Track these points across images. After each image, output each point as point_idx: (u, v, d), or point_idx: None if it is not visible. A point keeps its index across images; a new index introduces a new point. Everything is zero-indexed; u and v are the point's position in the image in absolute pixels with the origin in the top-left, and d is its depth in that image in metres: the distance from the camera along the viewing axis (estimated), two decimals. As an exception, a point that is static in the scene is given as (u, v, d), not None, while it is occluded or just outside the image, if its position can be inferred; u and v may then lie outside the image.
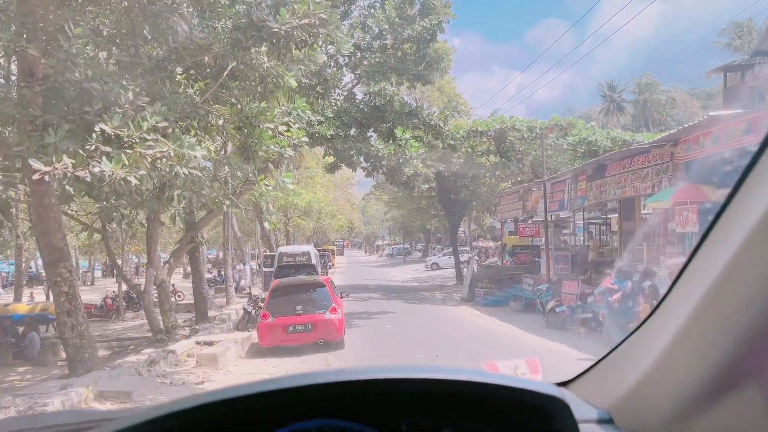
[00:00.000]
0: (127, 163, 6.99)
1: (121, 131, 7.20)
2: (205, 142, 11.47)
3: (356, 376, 1.05)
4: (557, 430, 1.13)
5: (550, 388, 1.15)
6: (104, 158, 6.76)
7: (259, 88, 10.15)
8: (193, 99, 9.07)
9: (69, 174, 6.88)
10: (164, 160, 7.38)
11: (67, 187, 6.92)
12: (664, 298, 1.14)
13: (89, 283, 44.33)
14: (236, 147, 11.56)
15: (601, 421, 1.22)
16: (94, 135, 7.09)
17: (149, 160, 7.23)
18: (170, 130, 7.86)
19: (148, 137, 7.35)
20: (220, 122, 10.10)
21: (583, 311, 14.20)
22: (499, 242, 41.46)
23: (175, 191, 8.81)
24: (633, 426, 1.18)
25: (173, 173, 7.43)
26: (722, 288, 0.94)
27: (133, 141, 7.24)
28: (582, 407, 1.24)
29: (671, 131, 11.95)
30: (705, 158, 10.46)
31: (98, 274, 49.53)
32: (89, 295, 31.91)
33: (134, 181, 6.92)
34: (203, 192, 9.97)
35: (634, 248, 14.25)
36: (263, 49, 9.22)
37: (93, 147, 7.01)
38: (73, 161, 7.00)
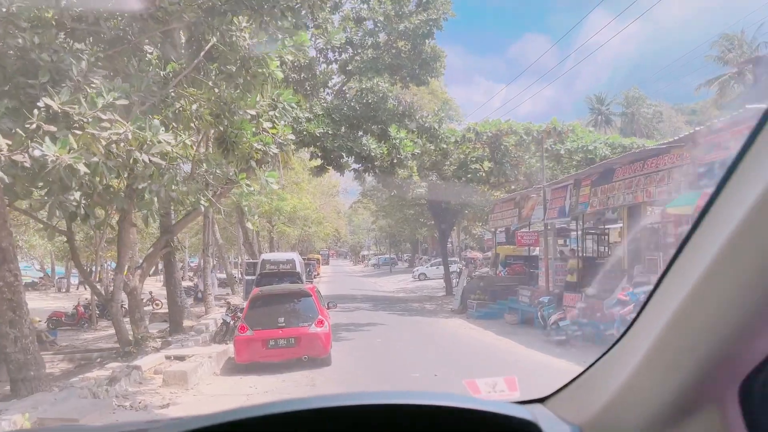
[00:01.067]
0: (75, 146, 5.80)
1: (70, 108, 6.01)
2: (180, 135, 10.32)
3: (329, 403, 1.07)
4: None
5: (521, 410, 1.15)
6: (47, 139, 5.55)
7: (240, 78, 9.03)
8: (163, 79, 7.90)
9: (3, 158, 5.68)
10: (122, 144, 6.18)
11: (1, 173, 5.71)
12: (637, 317, 1.16)
13: (65, 290, 42.73)
14: (215, 139, 10.40)
15: None
16: (36, 111, 5.89)
17: (103, 143, 6.03)
18: (133, 110, 6.66)
19: (104, 116, 6.16)
20: (194, 107, 8.91)
21: (589, 326, 13.16)
22: (488, 253, 40.58)
23: (139, 184, 7.58)
24: None
25: (131, 160, 6.22)
26: (686, 313, 0.96)
27: (85, 120, 6.04)
28: (556, 425, 1.28)
29: (698, 128, 10.97)
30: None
31: (75, 280, 47.76)
32: (63, 303, 30.46)
33: (83, 170, 5.72)
34: (173, 187, 8.78)
35: (646, 258, 13.22)
36: (244, 25, 8.11)
37: (34, 126, 5.81)
38: (9, 143, 5.80)
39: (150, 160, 6.29)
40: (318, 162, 18.99)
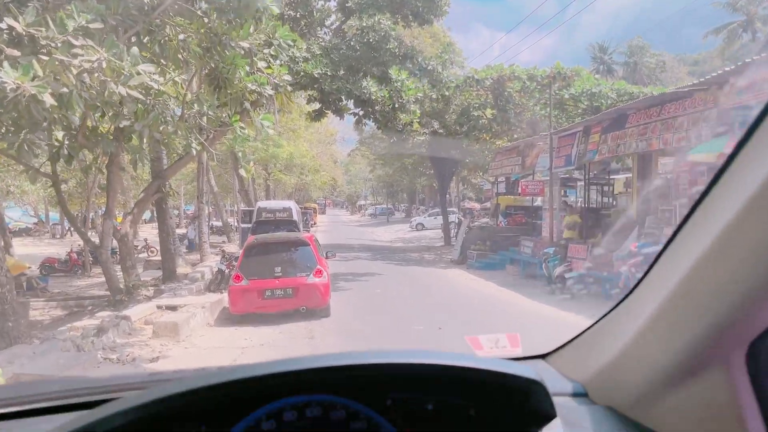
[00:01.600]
0: (41, 73, 5.11)
1: (36, 31, 5.29)
2: (169, 72, 9.59)
3: (336, 361, 1.06)
4: (533, 407, 1.13)
5: (528, 370, 1.13)
6: (5, 65, 4.86)
7: (231, 14, 8.27)
8: (146, 5, 7.11)
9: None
10: (95, 74, 5.49)
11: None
12: (645, 275, 1.15)
13: (59, 236, 42.33)
14: (205, 75, 9.65)
15: (575, 395, 1.29)
16: (-3, 34, 5.19)
17: (74, 72, 5.34)
18: (109, 36, 5.92)
19: (75, 42, 5.45)
20: (181, 37, 8.15)
21: (596, 279, 12.72)
22: (486, 203, 40.05)
23: (121, 122, 6.91)
24: (606, 400, 1.23)
25: (107, 93, 5.53)
26: (698, 273, 0.96)
27: (53, 45, 5.34)
28: (558, 380, 1.33)
29: (727, 69, 10.21)
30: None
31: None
32: (57, 249, 30.02)
33: (49, 101, 5.04)
34: (160, 128, 8.13)
35: (659, 209, 12.66)
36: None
37: (-5, 50, 5.11)
38: (-33, 69, 5.10)
39: (128, 93, 5.59)
40: (315, 106, 18.21)
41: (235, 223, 34.76)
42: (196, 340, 9.65)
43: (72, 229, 44.10)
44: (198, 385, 1.00)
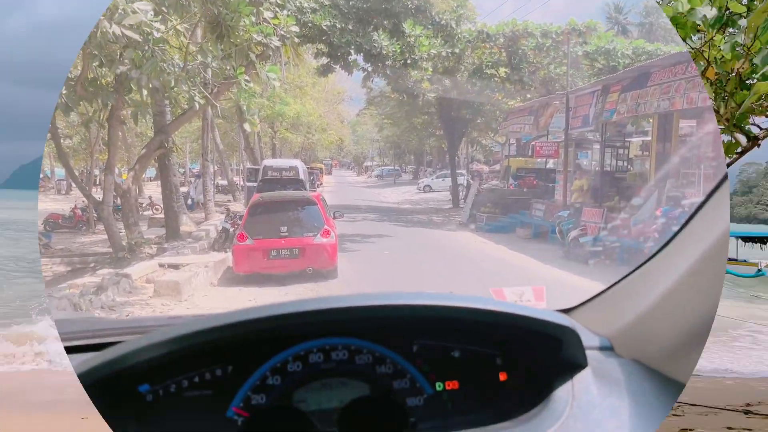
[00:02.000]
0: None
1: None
2: (171, 20, 9.10)
3: (366, 301, 1.06)
4: (564, 356, 1.12)
5: (561, 318, 1.14)
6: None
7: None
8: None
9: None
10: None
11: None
12: (675, 235, 1.15)
13: (64, 192, 42.13)
14: (208, 23, 9.16)
15: (602, 348, 1.28)
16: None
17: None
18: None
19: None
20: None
21: (613, 243, 12.34)
22: (495, 165, 39.48)
23: (117, 68, 6.47)
24: (633, 354, 1.22)
25: (99, 33, 5.06)
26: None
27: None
28: (585, 334, 1.27)
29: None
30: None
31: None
32: (62, 205, 29.82)
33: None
34: (160, 77, 7.69)
35: (681, 172, 12.19)
36: None
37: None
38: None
39: (122, 33, 5.11)
40: (323, 62, 17.60)
41: (241, 182, 34.41)
42: (199, 300, 9.38)
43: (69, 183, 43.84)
44: (229, 320, 0.97)
